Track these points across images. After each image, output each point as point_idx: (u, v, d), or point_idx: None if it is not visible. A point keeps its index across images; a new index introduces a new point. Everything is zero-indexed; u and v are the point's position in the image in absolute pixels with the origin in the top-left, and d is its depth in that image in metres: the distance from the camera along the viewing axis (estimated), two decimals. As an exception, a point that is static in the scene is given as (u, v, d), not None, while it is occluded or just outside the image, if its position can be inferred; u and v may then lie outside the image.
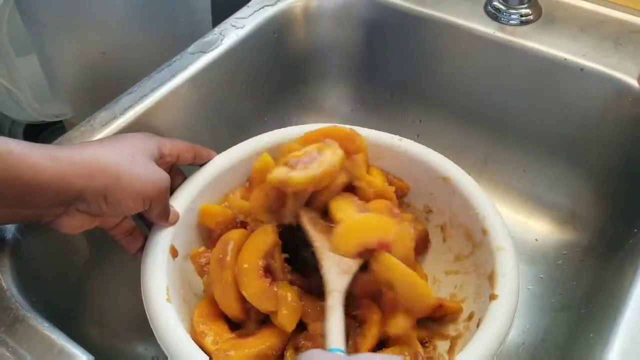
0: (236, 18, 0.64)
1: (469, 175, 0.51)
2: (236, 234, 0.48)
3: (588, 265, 0.59)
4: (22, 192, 0.37)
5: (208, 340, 0.44)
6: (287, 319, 0.44)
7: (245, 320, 0.47)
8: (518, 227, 0.64)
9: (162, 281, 0.43)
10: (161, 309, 0.41)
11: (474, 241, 0.48)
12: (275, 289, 0.45)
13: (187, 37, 0.62)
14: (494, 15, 0.62)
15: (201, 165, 0.52)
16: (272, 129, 0.55)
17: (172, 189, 0.48)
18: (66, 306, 0.50)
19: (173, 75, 0.57)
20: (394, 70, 0.69)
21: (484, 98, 0.65)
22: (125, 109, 0.54)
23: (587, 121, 0.60)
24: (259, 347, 0.43)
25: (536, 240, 0.64)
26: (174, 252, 0.46)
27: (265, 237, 0.46)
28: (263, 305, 0.44)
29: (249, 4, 0.66)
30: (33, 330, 0.40)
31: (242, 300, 0.45)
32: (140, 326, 0.54)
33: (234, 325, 0.47)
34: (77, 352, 0.38)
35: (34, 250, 0.48)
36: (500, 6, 0.62)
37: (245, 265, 0.45)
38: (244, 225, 0.49)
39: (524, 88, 0.62)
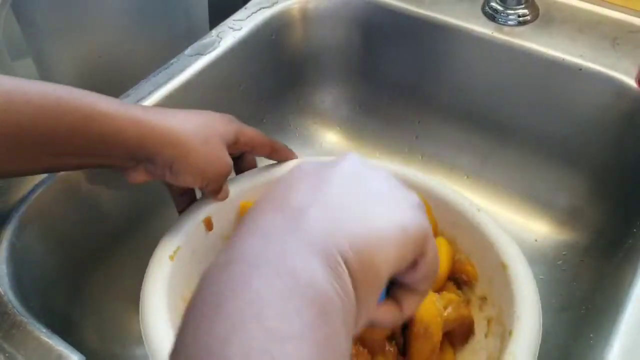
0: (233, 20, 0.64)
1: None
2: None
3: (588, 266, 0.59)
4: (108, 147, 0.41)
5: None
6: None
7: None
8: (517, 228, 0.64)
9: (174, 242, 0.45)
10: (160, 268, 0.44)
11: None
12: None
13: (184, 39, 0.62)
14: (492, 15, 0.62)
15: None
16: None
17: (239, 171, 0.53)
18: (65, 311, 0.50)
19: (170, 78, 0.57)
20: (392, 72, 0.69)
21: (482, 99, 0.65)
22: None
23: (585, 121, 0.60)
24: None
25: (536, 240, 0.64)
26: (209, 224, 0.49)
27: None
28: None
29: (247, 5, 0.66)
30: (30, 335, 0.39)
31: None
32: (140, 331, 0.54)
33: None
34: (75, 358, 0.38)
35: (32, 255, 0.48)
36: (498, 7, 0.62)
37: None
38: None
39: (521, 89, 0.62)
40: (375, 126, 0.72)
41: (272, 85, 0.69)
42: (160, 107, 0.53)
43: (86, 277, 0.53)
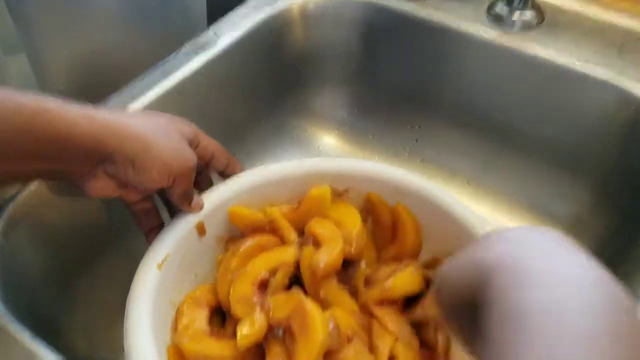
0: (232, 18, 0.63)
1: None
2: (263, 239, 0.47)
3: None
4: (59, 148, 0.38)
5: (183, 321, 0.43)
6: (244, 336, 0.41)
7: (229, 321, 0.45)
8: (518, 237, 0.63)
9: (162, 250, 0.44)
10: (146, 277, 0.42)
11: None
12: (255, 302, 0.43)
13: (180, 36, 0.60)
14: (497, 20, 0.61)
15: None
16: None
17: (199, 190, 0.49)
18: (52, 314, 0.48)
19: (165, 76, 0.56)
20: (393, 75, 0.68)
21: (484, 104, 0.64)
22: None
23: (589, 129, 0.59)
24: (214, 351, 0.42)
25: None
26: (201, 230, 0.47)
27: (282, 255, 0.46)
28: (235, 308, 0.43)
29: (245, 3, 0.64)
30: (12, 339, 0.38)
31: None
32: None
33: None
34: (56, 362, 0.36)
35: (20, 255, 0.46)
36: (503, 11, 0.61)
37: (248, 268, 0.44)
38: (272, 231, 0.48)
39: (525, 94, 0.61)
40: (374, 129, 0.71)
41: (270, 86, 0.68)
42: (114, 109, 0.51)
43: (75, 279, 0.51)
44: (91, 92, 0.56)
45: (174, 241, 0.45)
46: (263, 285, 0.44)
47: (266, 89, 0.67)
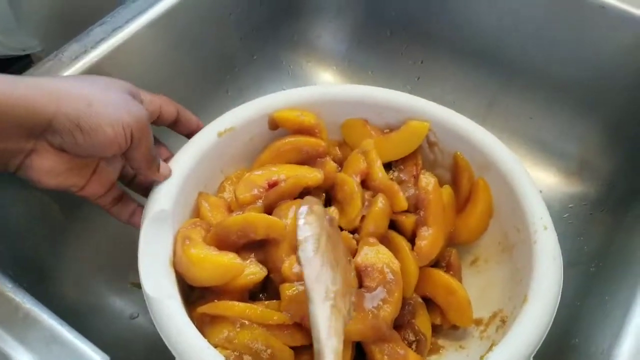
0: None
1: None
2: (300, 140, 0.49)
3: (597, 220, 0.56)
4: None
5: (191, 233, 0.42)
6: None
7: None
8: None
9: (228, 121, 0.46)
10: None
11: None
12: (257, 193, 0.46)
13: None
14: (508, -57, 0.56)
15: (187, 135, 0.47)
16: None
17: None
18: (37, 261, 0.46)
19: (151, 4, 0.52)
20: (396, 5, 0.64)
21: (491, 37, 0.60)
22: (97, 42, 0.49)
23: (603, 65, 0.56)
24: (217, 260, 0.39)
25: (540, 191, 0.60)
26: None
27: (306, 172, 0.47)
28: (240, 187, 0.45)
29: None
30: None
31: None
32: (119, 279, 0.51)
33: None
34: (45, 317, 0.34)
35: (3, 204, 0.43)
36: None
37: (270, 166, 0.47)
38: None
39: (536, 27, 0.57)
40: (374, 66, 0.68)
41: (265, 17, 0.64)
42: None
43: (62, 225, 0.49)
44: (71, 22, 0.52)
45: (241, 118, 0.46)
46: (274, 185, 0.45)
47: (261, 19, 0.63)
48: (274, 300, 0.41)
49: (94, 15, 0.51)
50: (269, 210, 0.44)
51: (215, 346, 0.37)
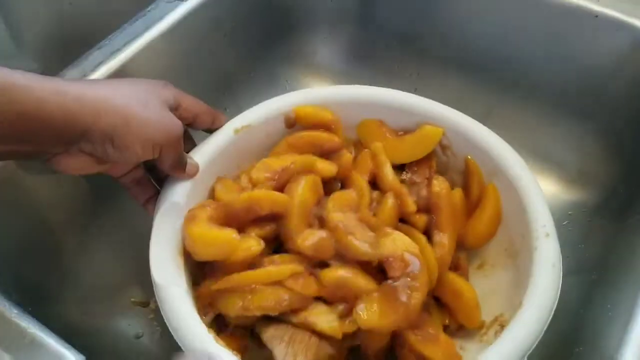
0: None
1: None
2: (314, 135, 0.49)
3: (596, 227, 0.56)
4: (25, 127, 0.34)
5: (197, 213, 0.43)
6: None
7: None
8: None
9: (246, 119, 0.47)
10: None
11: None
12: (269, 176, 0.47)
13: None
14: (500, -45, 0.57)
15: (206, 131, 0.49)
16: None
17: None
18: (39, 282, 0.46)
19: (147, 27, 0.53)
20: (391, 19, 0.64)
21: (487, 47, 0.61)
22: (96, 66, 0.50)
23: (599, 73, 0.56)
24: (214, 235, 0.42)
25: (542, 199, 0.60)
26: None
27: (319, 163, 0.48)
28: (256, 169, 0.46)
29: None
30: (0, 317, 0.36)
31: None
32: (123, 298, 0.51)
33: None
34: (51, 341, 0.35)
35: (2, 224, 0.44)
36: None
37: (285, 155, 0.48)
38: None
39: (531, 36, 0.58)
40: (371, 78, 0.68)
41: (261, 33, 0.64)
42: (85, 79, 0.48)
43: (64, 245, 0.49)
44: (70, 46, 0.53)
45: (258, 116, 0.48)
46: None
47: (256, 36, 0.64)
48: (280, 254, 0.44)
49: (94, 38, 0.52)
50: (280, 190, 0.46)
51: (236, 317, 0.41)
